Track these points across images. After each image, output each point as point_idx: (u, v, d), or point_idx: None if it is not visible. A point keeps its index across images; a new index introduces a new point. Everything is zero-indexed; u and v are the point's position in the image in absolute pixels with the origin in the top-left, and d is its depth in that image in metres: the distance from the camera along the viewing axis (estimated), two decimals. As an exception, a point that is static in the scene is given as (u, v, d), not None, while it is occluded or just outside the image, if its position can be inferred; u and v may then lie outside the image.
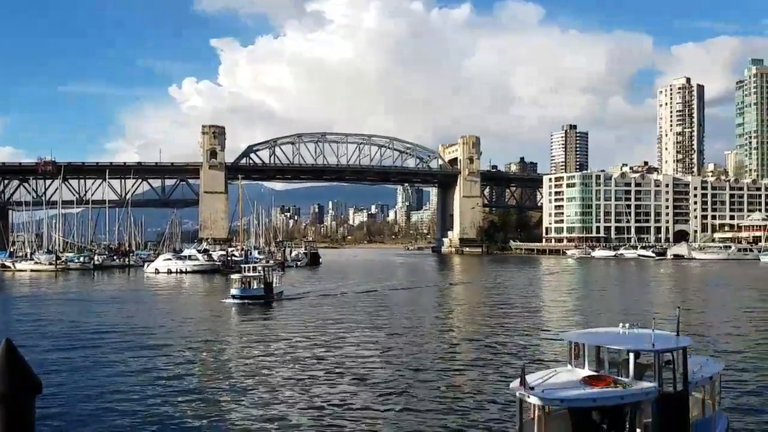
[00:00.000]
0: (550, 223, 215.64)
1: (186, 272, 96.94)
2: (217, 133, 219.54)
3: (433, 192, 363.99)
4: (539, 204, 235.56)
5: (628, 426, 13.10)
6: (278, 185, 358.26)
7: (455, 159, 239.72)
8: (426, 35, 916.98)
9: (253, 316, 46.00)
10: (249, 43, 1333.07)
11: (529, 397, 12.88)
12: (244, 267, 59.82)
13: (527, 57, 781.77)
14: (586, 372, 14.13)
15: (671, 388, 13.64)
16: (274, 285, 55.54)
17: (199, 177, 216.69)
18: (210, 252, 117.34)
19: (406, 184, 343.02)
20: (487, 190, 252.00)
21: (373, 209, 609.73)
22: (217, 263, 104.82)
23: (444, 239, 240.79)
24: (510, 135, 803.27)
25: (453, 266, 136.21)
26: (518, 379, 13.21)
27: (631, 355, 13.77)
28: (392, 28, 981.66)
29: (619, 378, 13.63)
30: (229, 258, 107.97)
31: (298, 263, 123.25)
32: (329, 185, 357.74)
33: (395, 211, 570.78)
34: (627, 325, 15.34)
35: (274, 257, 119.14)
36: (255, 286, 54.02)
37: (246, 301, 51.77)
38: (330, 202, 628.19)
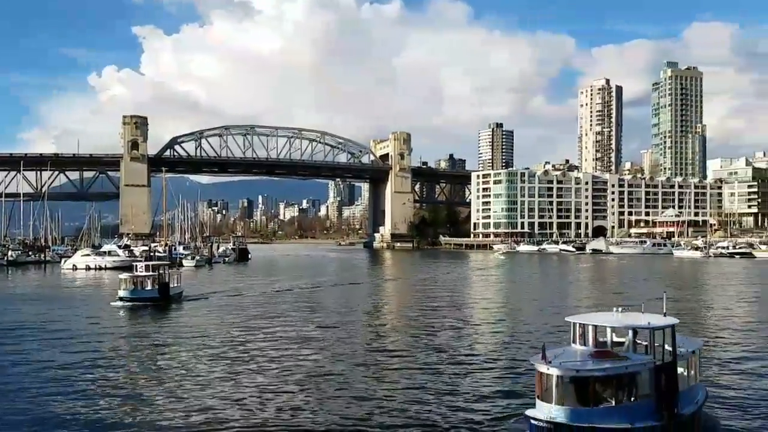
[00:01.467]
0: (478, 219, 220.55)
1: (105, 269, 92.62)
2: (140, 123, 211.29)
3: (364, 187, 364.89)
4: (468, 200, 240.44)
5: (628, 391, 15.69)
6: (205, 179, 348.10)
7: (386, 155, 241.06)
8: (357, 29, 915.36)
9: (140, 320, 41.06)
10: (173, 32, 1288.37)
11: (549, 369, 15.31)
12: (136, 265, 53.36)
13: (456, 55, 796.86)
14: (591, 349, 16.77)
15: (663, 359, 16.15)
16: (172, 285, 50.36)
17: (119, 169, 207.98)
18: (131, 248, 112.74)
19: (338, 179, 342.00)
20: (417, 186, 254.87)
21: (305, 204, 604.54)
22: (138, 259, 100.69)
23: (376, 234, 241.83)
24: (440, 132, 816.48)
25: (385, 261, 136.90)
26: (539, 355, 15.65)
27: (630, 333, 16.68)
28: (322, 20, 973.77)
29: (620, 353, 16.36)
30: (151, 254, 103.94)
31: (226, 259, 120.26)
32: (259, 179, 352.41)
33: (327, 206, 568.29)
34: (620, 309, 18.09)
35: (200, 253, 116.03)
36: (148, 287, 48.36)
37: (137, 303, 46.38)
38: (260, 197, 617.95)
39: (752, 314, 44.13)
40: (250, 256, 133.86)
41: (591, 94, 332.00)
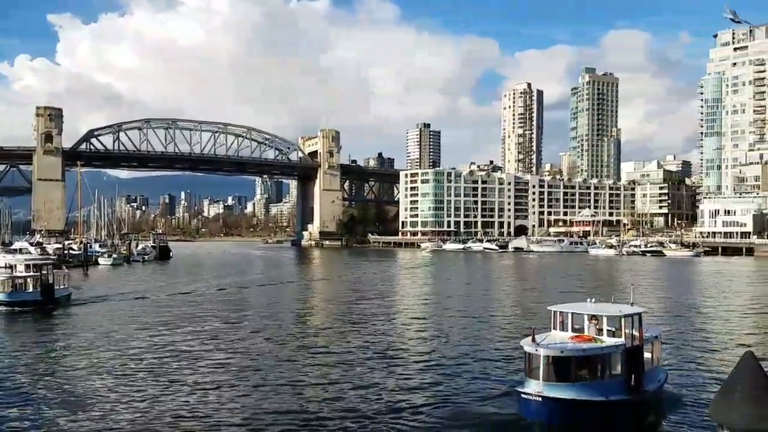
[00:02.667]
0: (406, 218, 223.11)
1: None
2: (54, 115, 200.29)
3: (293, 185, 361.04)
4: (396, 199, 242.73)
5: (602, 370, 18.38)
6: (123, 173, 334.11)
7: (315, 152, 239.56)
8: (284, 25, 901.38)
9: (15, 327, 36.81)
10: (91, 21, 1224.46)
11: (537, 350, 18.00)
12: (14, 264, 47.08)
13: (385, 54, 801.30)
14: (570, 333, 19.55)
15: (631, 342, 18.99)
16: (58, 286, 45.80)
17: (32, 163, 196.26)
18: (44, 245, 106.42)
19: (265, 176, 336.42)
20: (347, 184, 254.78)
21: (230, 201, 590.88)
22: (52, 257, 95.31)
23: (304, 232, 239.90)
24: (369, 130, 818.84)
25: (313, 260, 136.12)
26: (528, 338, 18.57)
27: (605, 319, 19.40)
28: (249, 14, 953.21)
29: (596, 336, 19.14)
30: (66, 252, 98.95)
31: (146, 257, 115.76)
32: (181, 174, 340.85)
33: (254, 203, 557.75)
34: (593, 299, 21.21)
35: (118, 251, 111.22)
36: (29, 289, 43.53)
37: (14, 308, 41.53)
38: (182, 193, 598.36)
39: (665, 307, 47.00)
40: (171, 255, 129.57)
41: (513, 98, 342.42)
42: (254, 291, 59.79)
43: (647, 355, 19.89)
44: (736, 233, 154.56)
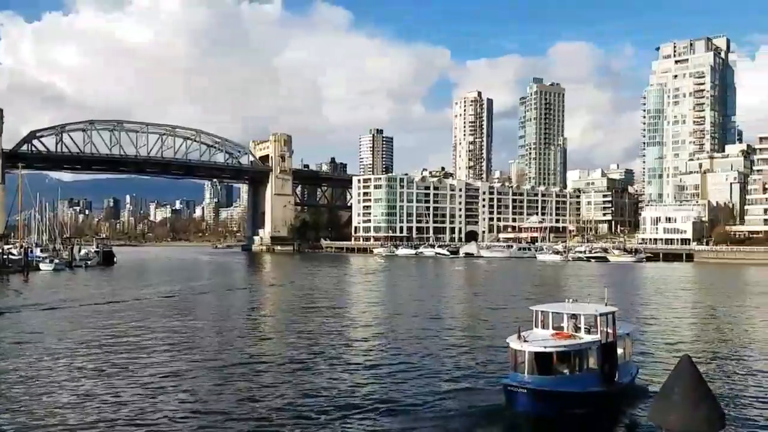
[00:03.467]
0: (358, 223, 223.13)
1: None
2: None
3: (243, 189, 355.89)
4: (349, 204, 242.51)
5: (580, 364, 20.22)
6: (66, 176, 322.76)
7: (267, 156, 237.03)
8: (236, 27, 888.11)
9: None
10: (35, 19, 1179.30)
11: (522, 346, 19.56)
12: None
13: (337, 59, 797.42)
14: (551, 331, 21.40)
15: (606, 339, 20.88)
16: None
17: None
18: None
19: (215, 180, 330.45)
20: (299, 189, 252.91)
21: (178, 205, 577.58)
22: None
23: (255, 237, 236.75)
24: (322, 135, 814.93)
25: (264, 265, 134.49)
26: (515, 335, 20.13)
27: (582, 317, 21.26)
28: (198, 15, 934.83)
29: (575, 333, 21.02)
30: (5, 256, 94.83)
31: (88, 263, 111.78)
32: (127, 178, 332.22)
33: (202, 208, 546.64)
34: (571, 300, 23.30)
35: (59, 256, 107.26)
36: None
37: None
38: (128, 196, 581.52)
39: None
40: (115, 260, 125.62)
41: (464, 105, 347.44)
42: (203, 298, 58.43)
43: (620, 350, 21.82)
44: (677, 240, 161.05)
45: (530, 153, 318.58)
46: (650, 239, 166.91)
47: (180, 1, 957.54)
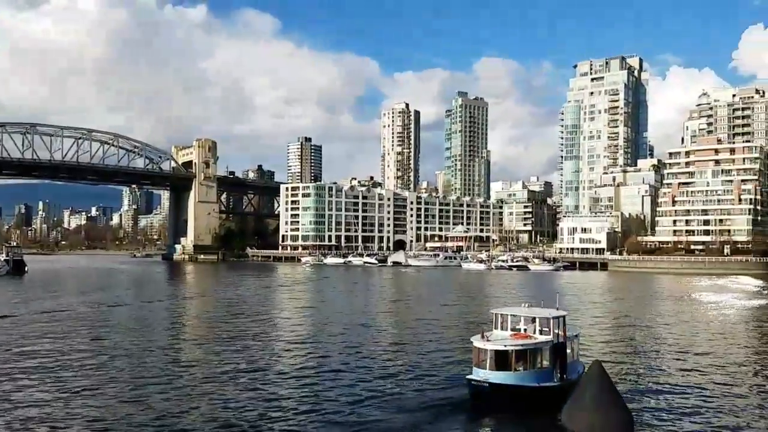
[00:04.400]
0: (286, 231, 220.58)
1: None
2: None
3: (164, 195, 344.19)
4: (276, 212, 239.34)
5: (534, 361, 22.76)
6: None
7: (190, 162, 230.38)
8: (158, 30, 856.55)
9: None
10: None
11: (485, 345, 22.52)
12: None
13: (265, 66, 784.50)
14: (509, 332, 24.26)
15: (557, 340, 23.66)
16: None
17: None
18: None
19: (134, 186, 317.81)
20: (224, 196, 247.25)
21: (94, 212, 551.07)
22: None
23: (176, 246, 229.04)
24: (248, 142, 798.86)
25: (186, 275, 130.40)
26: (478, 335, 23.27)
27: (537, 320, 24.21)
28: (119, 17, 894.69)
29: (530, 334, 23.83)
30: None
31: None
32: (40, 183, 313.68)
33: (120, 215, 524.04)
34: (527, 304, 25.96)
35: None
36: None
37: None
38: (41, 203, 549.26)
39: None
40: (26, 269, 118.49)
41: (392, 116, 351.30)
42: (118, 311, 55.96)
43: (569, 350, 24.37)
44: (592, 249, 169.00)
45: (456, 164, 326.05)
46: (567, 249, 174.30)
47: (99, 2, 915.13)
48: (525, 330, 24.26)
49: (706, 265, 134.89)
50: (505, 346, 22.65)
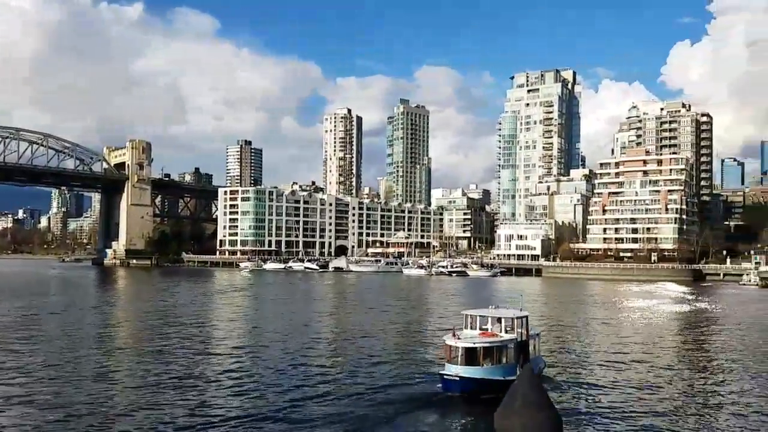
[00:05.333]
0: (224, 236, 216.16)
1: None
2: None
3: (95, 198, 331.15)
4: (214, 216, 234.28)
5: (500, 357, 25.35)
6: None
7: (123, 164, 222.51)
8: (93, 28, 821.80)
9: None
10: None
11: (456, 343, 24.93)
12: None
13: (203, 67, 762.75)
14: (477, 331, 26.66)
15: (521, 338, 26.43)
16: None
17: None
18: None
19: (64, 188, 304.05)
20: (159, 200, 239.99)
21: (21, 214, 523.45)
22: None
23: (108, 250, 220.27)
24: (185, 144, 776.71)
25: (117, 281, 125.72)
26: (450, 333, 25.81)
27: (503, 320, 26.87)
28: (52, 14, 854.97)
29: (497, 332, 26.38)
30: None
31: None
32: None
33: (49, 218, 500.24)
34: (493, 306, 28.98)
35: None
36: None
37: None
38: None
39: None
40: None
41: (335, 122, 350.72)
42: (44, 318, 53.24)
43: (531, 347, 27.11)
44: (528, 256, 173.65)
45: (398, 171, 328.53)
46: (505, 255, 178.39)
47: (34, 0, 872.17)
48: (492, 329, 26.62)
49: (634, 271, 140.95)
50: (474, 343, 25.03)
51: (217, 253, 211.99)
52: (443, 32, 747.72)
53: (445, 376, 24.27)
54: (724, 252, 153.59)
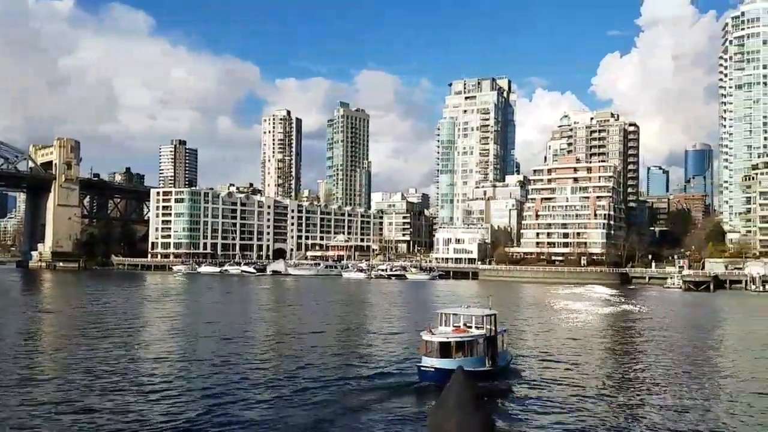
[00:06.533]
0: (157, 238, 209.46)
1: None
2: None
3: (20, 198, 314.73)
4: (146, 218, 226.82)
5: (471, 350, 28.46)
6: None
7: (50, 162, 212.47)
8: (19, 23, 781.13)
9: None
10: None
11: (431, 338, 28.18)
12: None
13: (136, 65, 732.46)
14: (451, 328, 30.10)
15: (489, 333, 29.74)
16: None
17: None
18: None
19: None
20: (87, 200, 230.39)
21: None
22: None
23: (33, 252, 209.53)
24: (116, 143, 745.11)
25: (43, 285, 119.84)
26: (426, 330, 29.08)
27: (473, 318, 30.50)
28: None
29: (468, 329, 29.76)
30: None
31: None
32: None
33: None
34: (465, 306, 33.18)
35: None
36: None
37: None
38: None
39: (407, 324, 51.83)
40: None
41: (274, 123, 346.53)
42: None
43: (499, 342, 30.52)
44: (465, 259, 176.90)
45: (338, 174, 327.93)
46: (443, 258, 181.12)
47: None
48: (464, 326, 29.94)
49: (565, 274, 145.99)
50: (448, 338, 28.24)
51: (149, 256, 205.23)
52: (382, 38, 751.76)
53: (421, 368, 27.25)
54: (650, 256, 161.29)
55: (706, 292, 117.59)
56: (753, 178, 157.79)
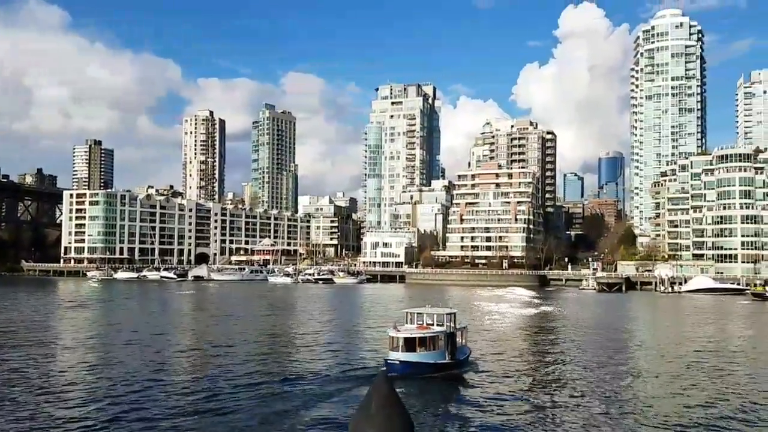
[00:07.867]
0: (70, 243, 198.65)
1: None
2: None
3: None
4: (58, 221, 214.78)
5: (434, 345, 31.76)
6: None
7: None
8: None
9: None
10: None
11: (397, 334, 31.42)
12: None
13: (51, 61, 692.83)
14: (416, 325, 33.49)
15: (449, 330, 33.01)
16: None
17: None
18: None
19: None
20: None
21: None
22: None
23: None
24: (25, 142, 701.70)
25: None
26: (392, 327, 32.33)
27: (435, 316, 33.72)
28: None
29: (430, 326, 33.16)
30: None
31: None
32: None
33: None
34: (428, 306, 36.25)
35: None
36: None
37: None
38: None
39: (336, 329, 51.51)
40: None
41: (195, 124, 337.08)
42: None
43: (459, 338, 33.91)
44: (392, 263, 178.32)
45: (263, 177, 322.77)
46: (371, 262, 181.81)
47: None
48: (427, 323, 33.12)
49: (488, 277, 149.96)
50: (412, 334, 31.68)
51: (62, 261, 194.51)
52: (309, 40, 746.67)
53: (388, 361, 30.23)
54: (566, 259, 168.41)
55: (618, 293, 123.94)
56: (662, 185, 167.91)
